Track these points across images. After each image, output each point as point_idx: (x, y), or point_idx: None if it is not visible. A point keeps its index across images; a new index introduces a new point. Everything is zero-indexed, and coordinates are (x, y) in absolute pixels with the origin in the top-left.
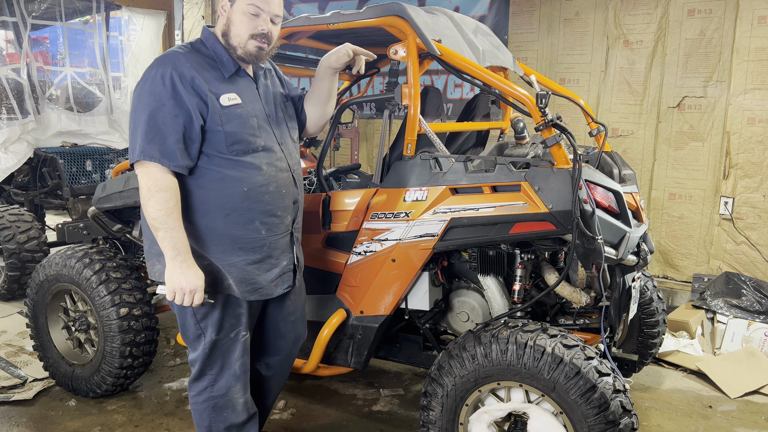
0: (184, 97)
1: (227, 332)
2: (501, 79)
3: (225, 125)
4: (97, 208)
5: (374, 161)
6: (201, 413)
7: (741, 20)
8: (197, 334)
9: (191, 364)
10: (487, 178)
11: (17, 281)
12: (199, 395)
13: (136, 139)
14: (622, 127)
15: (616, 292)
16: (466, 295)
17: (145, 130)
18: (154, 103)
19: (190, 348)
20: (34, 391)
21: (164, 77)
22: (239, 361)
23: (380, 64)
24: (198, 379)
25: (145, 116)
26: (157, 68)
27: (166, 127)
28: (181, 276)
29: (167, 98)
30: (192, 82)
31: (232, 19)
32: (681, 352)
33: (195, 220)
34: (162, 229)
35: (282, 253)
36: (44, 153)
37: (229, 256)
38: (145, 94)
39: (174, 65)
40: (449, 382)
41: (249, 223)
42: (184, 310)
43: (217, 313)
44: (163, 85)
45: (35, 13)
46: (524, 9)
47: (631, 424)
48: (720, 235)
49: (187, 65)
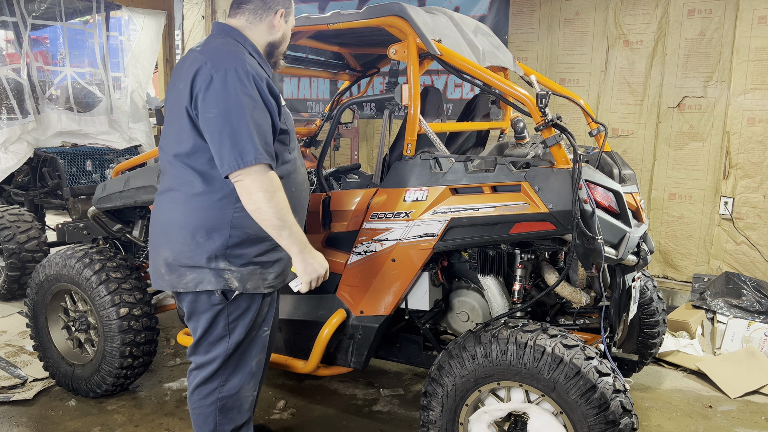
0: (266, 96)
1: (252, 331)
2: (501, 79)
3: (287, 123)
4: (97, 208)
5: (374, 161)
6: (206, 417)
7: (741, 20)
8: (221, 335)
9: (202, 366)
10: (487, 178)
11: (17, 281)
12: (206, 398)
13: (245, 141)
14: (622, 127)
15: (616, 292)
16: (466, 295)
17: (252, 132)
18: (249, 104)
19: (203, 351)
20: (34, 391)
21: (247, 77)
22: (256, 358)
23: (380, 64)
24: (207, 380)
25: (246, 118)
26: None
27: (263, 128)
28: (315, 263)
29: (257, 98)
30: (267, 82)
31: (286, 35)
32: (681, 352)
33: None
34: (286, 228)
35: None
36: (44, 153)
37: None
38: (232, 95)
39: (248, 64)
40: (449, 382)
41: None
42: (217, 315)
43: (251, 313)
44: (250, 86)
45: (35, 13)
46: (524, 9)
47: (631, 424)
48: (720, 235)
49: (255, 65)
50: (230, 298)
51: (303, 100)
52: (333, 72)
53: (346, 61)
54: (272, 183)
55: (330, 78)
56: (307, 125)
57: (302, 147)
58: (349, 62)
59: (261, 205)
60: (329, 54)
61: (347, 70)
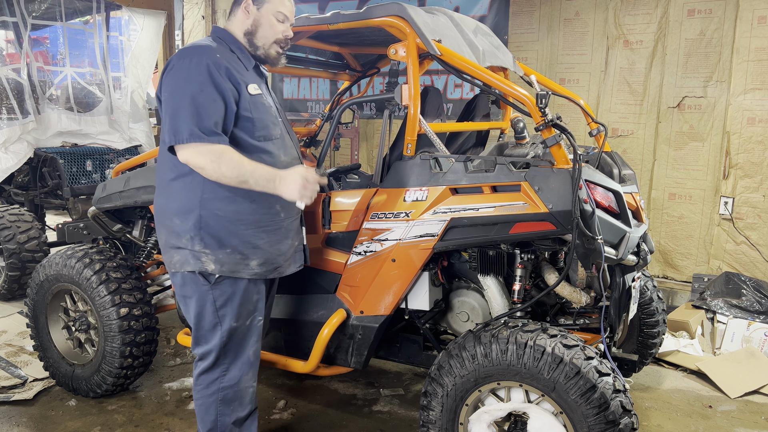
0: (221, 83)
1: (245, 319)
2: (501, 79)
3: (253, 112)
4: (97, 208)
5: (374, 161)
6: (208, 407)
7: (741, 20)
8: (214, 323)
9: (202, 357)
10: (487, 178)
11: (17, 281)
12: (207, 388)
13: (181, 122)
14: (622, 127)
15: (616, 292)
16: (466, 295)
17: (190, 113)
18: (194, 88)
19: (202, 341)
20: (34, 391)
21: (200, 65)
22: (253, 347)
23: (380, 64)
24: (209, 370)
25: (187, 100)
26: (190, 57)
27: (206, 111)
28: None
29: (206, 84)
30: (226, 70)
31: (261, 22)
32: (681, 352)
33: (224, 207)
34: (248, 179)
35: (296, 234)
36: (44, 153)
37: (253, 238)
38: (182, 80)
39: (207, 55)
40: (449, 381)
41: (271, 207)
42: (203, 299)
43: (237, 299)
44: (199, 72)
45: (35, 13)
46: (524, 9)
47: (631, 424)
48: (720, 235)
49: (218, 56)
50: (212, 281)
51: (303, 100)
52: (333, 72)
53: (346, 61)
54: (212, 152)
55: (330, 78)
56: (307, 125)
57: (302, 147)
58: (349, 62)
59: (211, 173)
60: (329, 54)
61: (347, 70)
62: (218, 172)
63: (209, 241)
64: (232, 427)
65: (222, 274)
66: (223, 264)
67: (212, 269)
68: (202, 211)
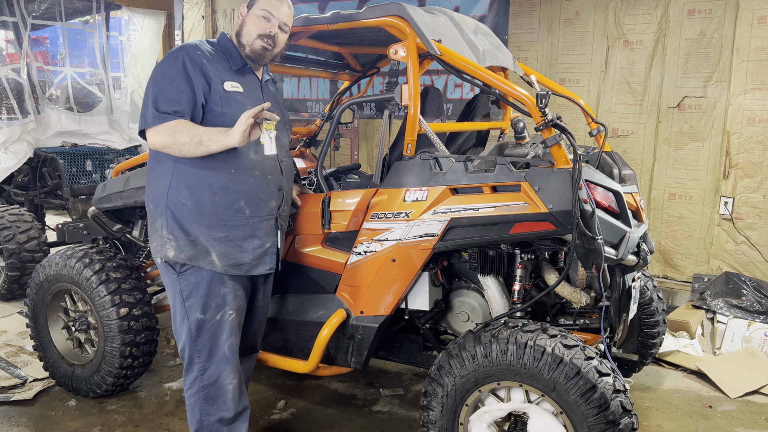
0: (192, 76)
1: (213, 313)
2: (501, 79)
3: (224, 107)
4: (97, 208)
5: (374, 161)
6: (193, 407)
7: (741, 20)
8: (183, 316)
9: (181, 355)
10: (487, 178)
11: (17, 281)
12: (190, 387)
13: (147, 109)
14: (622, 127)
15: (616, 292)
16: (466, 295)
17: (154, 100)
18: (164, 79)
19: (178, 337)
20: (34, 391)
21: (177, 60)
22: (227, 342)
23: (380, 64)
24: (188, 369)
25: (156, 89)
26: (173, 53)
27: (173, 99)
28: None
29: (177, 76)
30: (201, 66)
31: (246, 21)
32: (681, 352)
33: (186, 196)
34: (202, 136)
35: (266, 234)
36: (44, 153)
37: (213, 231)
38: (159, 72)
39: (187, 51)
40: (449, 382)
41: (234, 202)
42: (174, 290)
43: (202, 290)
44: (175, 66)
45: (35, 13)
46: (524, 9)
47: (631, 424)
48: (720, 235)
49: (198, 53)
50: (178, 270)
51: (303, 100)
52: (333, 72)
53: (346, 61)
54: (167, 128)
55: (330, 78)
56: (307, 125)
57: (302, 147)
58: (349, 62)
59: (174, 148)
60: (329, 54)
61: (347, 70)
62: (178, 144)
63: (173, 227)
64: (219, 426)
65: (180, 261)
66: (182, 251)
67: (172, 255)
68: (169, 197)
